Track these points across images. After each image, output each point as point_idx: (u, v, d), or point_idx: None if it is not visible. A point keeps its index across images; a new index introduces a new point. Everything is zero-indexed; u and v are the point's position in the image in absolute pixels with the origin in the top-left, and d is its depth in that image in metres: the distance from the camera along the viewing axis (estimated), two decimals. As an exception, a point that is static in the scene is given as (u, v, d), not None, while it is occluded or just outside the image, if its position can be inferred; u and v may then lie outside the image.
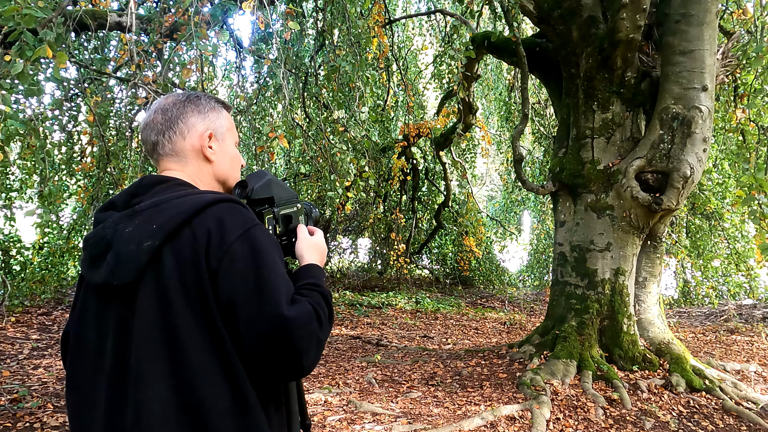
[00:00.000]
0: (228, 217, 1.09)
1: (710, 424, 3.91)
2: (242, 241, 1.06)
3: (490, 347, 5.72)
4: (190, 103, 1.25)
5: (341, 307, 8.70)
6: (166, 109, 1.24)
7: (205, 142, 1.24)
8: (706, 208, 8.92)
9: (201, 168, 1.25)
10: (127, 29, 4.78)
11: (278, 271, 1.09)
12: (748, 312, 8.69)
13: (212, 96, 1.30)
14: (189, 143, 1.23)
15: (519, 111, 9.86)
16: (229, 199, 1.14)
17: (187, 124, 1.23)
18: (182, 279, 1.04)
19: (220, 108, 1.30)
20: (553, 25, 4.99)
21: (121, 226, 1.09)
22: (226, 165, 1.29)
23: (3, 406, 3.72)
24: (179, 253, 1.05)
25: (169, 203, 1.09)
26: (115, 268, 1.06)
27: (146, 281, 1.05)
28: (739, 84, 6.54)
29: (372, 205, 10.65)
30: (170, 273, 1.04)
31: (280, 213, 1.36)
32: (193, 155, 1.24)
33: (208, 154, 1.25)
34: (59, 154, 6.05)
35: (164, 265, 1.05)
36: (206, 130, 1.25)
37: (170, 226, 1.05)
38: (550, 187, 5.17)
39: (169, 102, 1.25)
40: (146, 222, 1.07)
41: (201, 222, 1.06)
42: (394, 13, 10.58)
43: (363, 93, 5.56)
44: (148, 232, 1.06)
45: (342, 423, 3.61)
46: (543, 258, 11.88)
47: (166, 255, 1.05)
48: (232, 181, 1.32)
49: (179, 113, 1.23)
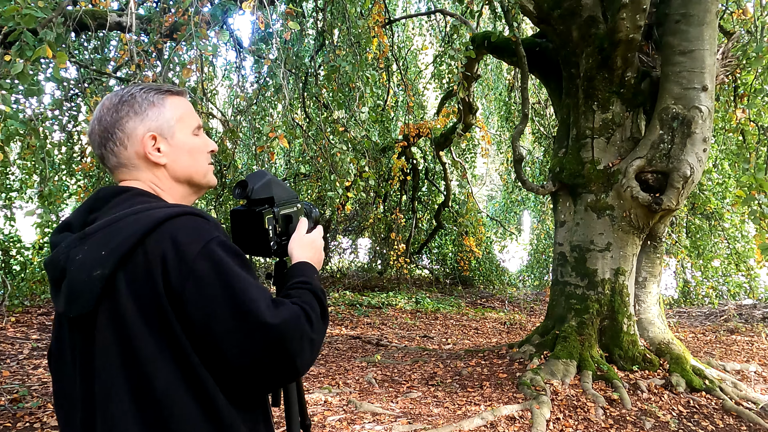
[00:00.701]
0: (181, 234, 0.99)
1: (710, 424, 3.91)
2: (202, 259, 0.98)
3: (490, 347, 5.72)
4: (124, 105, 1.10)
5: (341, 307, 8.70)
6: (101, 118, 1.10)
7: (148, 147, 1.10)
8: (706, 208, 8.92)
9: (155, 174, 1.13)
10: (127, 29, 4.78)
11: (248, 281, 1.01)
12: (748, 312, 8.69)
13: (152, 87, 1.14)
14: (133, 151, 1.10)
15: (519, 111, 9.86)
16: (182, 212, 1.03)
17: (125, 131, 1.09)
18: (140, 307, 0.96)
19: (161, 99, 1.13)
20: (553, 25, 4.99)
21: (73, 251, 1.00)
22: (184, 162, 1.15)
23: (3, 406, 3.72)
24: (133, 280, 0.97)
25: (118, 224, 1.00)
26: (69, 299, 0.99)
27: (102, 312, 0.98)
28: (739, 84, 6.54)
29: (372, 205, 10.65)
30: (126, 302, 0.96)
31: (280, 213, 1.35)
32: (142, 163, 1.11)
33: (155, 158, 1.11)
34: (59, 154, 6.05)
35: (119, 294, 0.97)
36: (147, 132, 1.10)
37: (120, 251, 0.97)
38: (550, 187, 5.17)
39: (104, 108, 1.11)
40: (96, 247, 0.98)
41: (153, 243, 0.98)
42: (394, 13, 10.59)
43: (363, 93, 5.56)
44: (98, 260, 0.97)
45: (342, 423, 3.61)
46: (543, 258, 11.88)
47: (120, 282, 0.97)
48: (199, 176, 1.18)
49: (114, 120, 1.10)
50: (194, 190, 1.20)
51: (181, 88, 1.19)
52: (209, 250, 1.00)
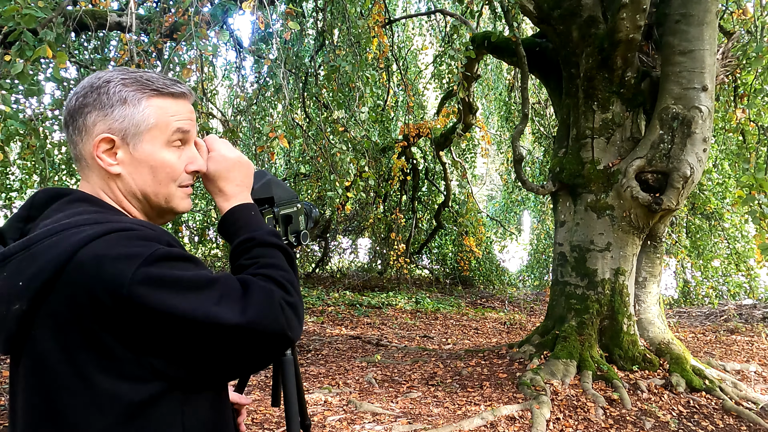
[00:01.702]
0: (108, 259, 0.80)
1: (710, 424, 3.91)
2: (139, 284, 0.79)
3: (490, 347, 5.72)
4: (93, 91, 0.91)
5: (341, 307, 8.70)
6: (70, 98, 0.93)
7: (99, 150, 0.91)
8: (706, 208, 8.92)
9: (107, 182, 0.94)
10: (127, 29, 4.78)
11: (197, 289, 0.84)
12: (748, 312, 8.69)
13: (140, 79, 0.94)
14: (87, 149, 0.92)
15: (519, 111, 9.86)
16: (112, 230, 0.83)
17: (86, 123, 0.91)
18: (64, 349, 0.80)
19: (138, 98, 0.92)
20: (553, 25, 4.99)
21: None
22: (142, 178, 0.94)
23: (3, 406, 3.72)
24: (56, 315, 0.80)
25: (39, 246, 0.82)
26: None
27: (26, 350, 0.83)
28: (739, 84, 6.54)
29: (372, 205, 10.65)
30: (47, 345, 0.81)
31: (280, 213, 1.35)
32: (92, 165, 0.93)
33: (105, 165, 0.92)
34: (59, 154, 6.05)
35: (39, 334, 0.81)
36: (103, 133, 0.91)
37: (38, 282, 0.80)
38: (550, 187, 5.17)
39: (79, 86, 0.93)
40: (15, 275, 0.81)
41: (77, 271, 0.79)
42: (394, 13, 10.59)
43: (363, 93, 5.56)
44: (16, 291, 0.81)
45: (342, 423, 3.61)
46: (543, 258, 11.89)
47: (42, 318, 0.81)
48: (158, 198, 0.96)
49: (80, 105, 0.92)
50: (156, 213, 0.99)
51: (182, 89, 0.98)
52: (143, 273, 0.80)
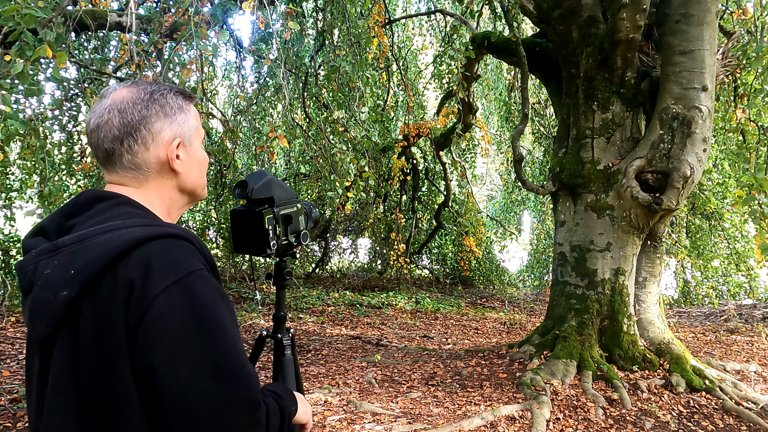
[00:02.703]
0: (158, 262, 0.87)
1: (710, 424, 3.91)
2: (171, 294, 0.85)
3: (490, 347, 5.72)
4: (154, 103, 1.01)
5: (341, 307, 8.70)
6: (124, 110, 0.99)
7: (173, 154, 1.03)
8: (706, 208, 8.92)
9: (164, 183, 1.04)
10: (127, 29, 4.78)
11: (234, 333, 0.90)
12: (748, 312, 8.69)
13: (178, 89, 1.08)
14: (154, 154, 1.01)
15: (519, 111, 9.86)
16: (166, 234, 0.91)
17: (151, 131, 1.00)
18: (99, 339, 0.86)
19: (188, 106, 1.07)
20: (553, 25, 4.99)
21: (42, 264, 0.90)
22: (194, 174, 1.09)
23: (3, 406, 3.72)
24: (98, 308, 0.86)
25: (92, 240, 0.89)
26: (32, 318, 0.90)
27: (63, 337, 0.88)
28: (739, 84, 6.54)
29: (372, 205, 10.65)
30: (87, 333, 0.86)
31: (280, 213, 1.36)
32: (156, 168, 1.03)
33: (176, 166, 1.04)
34: (59, 154, 6.05)
35: (82, 321, 0.87)
36: (174, 137, 1.03)
37: (88, 273, 0.86)
38: (550, 187, 5.17)
39: (127, 100, 1.00)
40: (65, 264, 0.88)
41: (125, 269, 0.86)
42: (394, 13, 10.59)
43: (363, 93, 5.56)
44: (65, 280, 0.87)
45: (342, 423, 3.61)
46: (543, 258, 11.88)
47: (85, 309, 0.87)
48: (200, 188, 1.12)
49: (142, 116, 1.00)
50: (190, 202, 1.13)
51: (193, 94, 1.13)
52: (185, 283, 0.87)
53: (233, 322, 0.92)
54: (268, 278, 1.47)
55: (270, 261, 10.27)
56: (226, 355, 0.87)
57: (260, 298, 8.41)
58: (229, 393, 0.86)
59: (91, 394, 0.87)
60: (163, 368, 0.84)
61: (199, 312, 0.87)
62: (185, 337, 0.85)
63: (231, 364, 0.88)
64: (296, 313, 7.91)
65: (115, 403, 0.86)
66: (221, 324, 0.89)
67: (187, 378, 0.84)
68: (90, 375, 0.86)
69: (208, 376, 0.85)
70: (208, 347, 0.86)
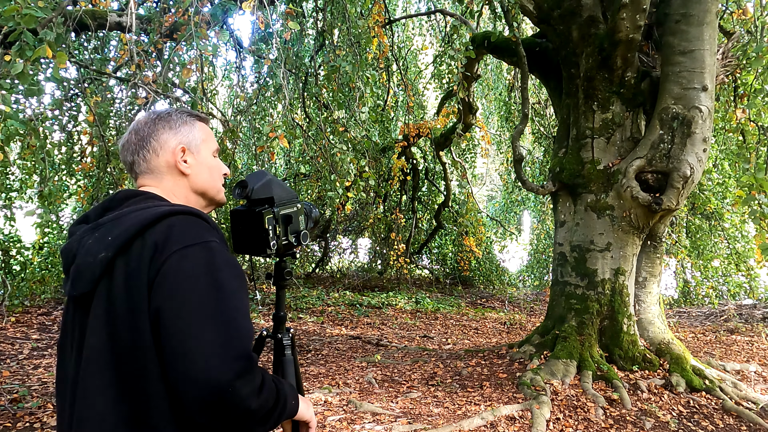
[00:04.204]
0: (177, 228, 1.08)
1: (710, 424, 3.91)
2: (185, 254, 1.04)
3: (490, 347, 5.72)
4: (161, 120, 1.27)
5: (341, 307, 8.70)
6: (139, 129, 1.26)
7: (179, 157, 1.25)
8: (706, 208, 8.91)
9: (177, 182, 1.26)
10: (127, 29, 4.78)
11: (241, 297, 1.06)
12: (748, 312, 8.69)
13: (184, 110, 1.32)
14: (163, 160, 1.25)
15: (519, 111, 9.86)
16: (186, 211, 1.13)
17: (159, 141, 1.25)
18: (128, 290, 1.04)
19: (193, 121, 1.30)
20: (553, 25, 4.99)
21: (85, 239, 1.12)
22: (203, 176, 1.29)
23: (3, 406, 3.72)
24: (128, 265, 1.05)
25: (127, 216, 1.11)
26: (74, 279, 1.09)
27: (99, 292, 1.07)
28: (739, 84, 6.54)
29: (372, 205, 10.65)
30: (119, 284, 1.05)
31: (280, 213, 1.36)
32: (167, 171, 1.25)
33: (183, 168, 1.25)
34: (59, 154, 6.04)
35: (115, 277, 1.06)
36: (179, 144, 1.25)
37: (123, 237, 1.06)
38: (550, 187, 5.17)
39: (141, 122, 1.27)
40: (104, 234, 1.09)
41: (152, 233, 1.06)
42: (394, 13, 10.58)
43: (363, 93, 5.56)
44: (104, 244, 1.08)
45: (342, 423, 3.61)
46: (543, 258, 11.88)
47: (118, 267, 1.06)
48: (213, 191, 1.31)
49: (150, 131, 1.25)
50: (207, 203, 1.31)
51: (206, 115, 1.37)
52: (200, 247, 1.06)
53: (241, 288, 1.07)
54: (268, 278, 1.47)
55: (270, 261, 10.27)
56: (226, 309, 1.01)
57: (260, 298, 8.41)
58: (224, 341, 0.98)
59: (121, 335, 1.03)
60: (168, 310, 0.99)
61: (208, 271, 1.03)
62: (192, 287, 1.01)
63: (229, 316, 1.01)
64: (296, 313, 7.91)
65: (139, 343, 1.02)
66: (227, 284, 1.04)
67: (188, 321, 0.98)
68: (120, 320, 1.03)
69: (206, 324, 0.98)
70: (211, 299, 1.01)
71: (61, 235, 6.97)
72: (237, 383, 0.97)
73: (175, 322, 0.99)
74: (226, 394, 0.96)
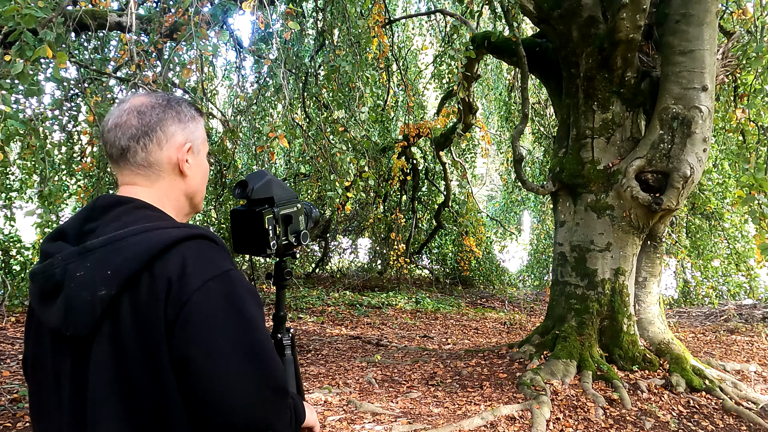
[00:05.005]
0: (193, 259, 0.95)
1: (710, 424, 3.91)
2: (207, 290, 0.93)
3: (490, 347, 5.72)
4: (171, 108, 1.10)
5: (341, 307, 8.70)
6: (143, 112, 1.08)
7: (184, 156, 1.10)
8: (706, 208, 8.91)
9: (173, 184, 1.11)
10: (127, 29, 4.78)
11: (264, 328, 0.97)
12: (748, 312, 8.69)
13: (191, 102, 1.19)
14: (166, 155, 1.09)
15: (519, 111, 9.85)
16: (196, 234, 0.99)
17: (166, 133, 1.08)
18: (140, 332, 0.92)
19: (198, 117, 1.17)
20: (553, 25, 4.99)
21: (71, 266, 0.95)
22: (198, 180, 1.16)
23: (3, 406, 3.72)
24: (137, 303, 0.92)
25: (125, 242, 0.94)
26: (67, 318, 0.93)
27: (102, 333, 0.93)
28: (739, 84, 6.54)
29: (372, 205, 10.65)
30: (127, 325, 0.92)
31: (280, 213, 1.35)
32: (168, 168, 1.10)
33: (185, 168, 1.11)
34: (59, 154, 6.05)
35: (122, 316, 0.92)
36: (186, 141, 1.11)
37: (127, 272, 0.92)
38: (550, 187, 5.17)
39: (146, 104, 1.09)
40: (100, 265, 0.93)
41: (162, 266, 0.93)
42: (394, 13, 10.58)
43: (363, 93, 5.56)
44: (102, 279, 0.92)
45: (342, 423, 3.61)
46: (543, 258, 11.88)
47: (124, 304, 0.92)
48: (200, 197, 1.19)
49: (158, 119, 1.08)
50: (191, 210, 1.19)
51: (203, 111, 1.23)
52: (225, 280, 0.96)
53: (262, 318, 0.99)
54: (268, 278, 1.47)
55: (270, 261, 10.27)
56: (258, 343, 0.95)
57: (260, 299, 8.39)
58: (260, 378, 0.93)
59: (135, 383, 0.92)
60: (199, 357, 0.90)
61: (233, 306, 0.94)
62: (220, 328, 0.92)
63: (262, 352, 0.95)
64: (296, 313, 7.91)
65: (159, 390, 0.91)
66: (253, 317, 0.96)
67: (222, 365, 0.91)
68: (132, 365, 0.92)
69: (241, 363, 0.92)
70: (240, 337, 0.93)
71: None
72: (277, 423, 0.95)
73: (205, 366, 0.90)
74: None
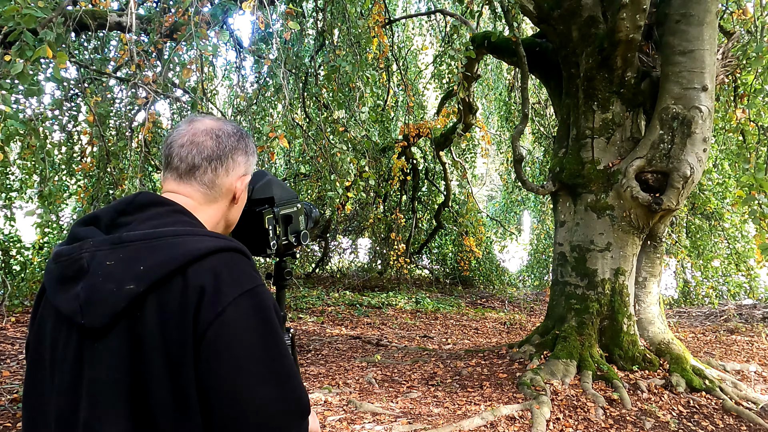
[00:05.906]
0: (227, 272, 0.95)
1: (710, 424, 3.91)
2: (239, 304, 0.92)
3: (490, 347, 5.72)
4: (243, 140, 1.16)
5: (341, 307, 8.70)
6: (221, 137, 1.11)
7: (242, 186, 1.15)
8: (706, 208, 8.92)
9: (222, 207, 1.14)
10: (127, 29, 4.78)
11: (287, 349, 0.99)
12: (748, 312, 8.69)
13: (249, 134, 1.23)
14: (229, 181, 1.12)
15: (519, 111, 9.85)
16: (232, 248, 0.99)
17: (235, 162, 1.13)
18: (165, 336, 0.89)
19: (255, 152, 1.22)
20: (553, 25, 4.99)
21: (101, 254, 0.93)
22: (238, 211, 1.20)
23: (3, 406, 3.72)
24: (165, 305, 0.90)
25: (162, 241, 0.94)
26: (85, 306, 0.91)
27: (120, 328, 0.91)
28: (739, 84, 6.54)
29: (372, 205, 10.65)
30: (152, 326, 0.90)
31: (280, 213, 1.35)
32: (225, 194, 1.13)
33: (239, 195, 1.16)
34: (59, 154, 6.04)
35: (146, 316, 0.90)
36: (245, 173, 1.16)
37: (160, 272, 0.91)
38: (550, 187, 5.17)
39: (223, 130, 1.13)
40: (133, 259, 0.92)
41: (196, 273, 0.92)
42: (394, 13, 10.58)
43: (363, 93, 5.56)
44: (132, 273, 0.90)
45: (342, 423, 3.61)
46: (543, 258, 11.88)
47: (150, 304, 0.90)
48: (234, 224, 1.22)
49: (232, 147, 1.13)
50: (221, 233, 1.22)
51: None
52: (256, 295, 0.96)
53: (281, 331, 1.00)
54: (268, 278, 1.47)
55: (270, 261, 10.26)
56: (285, 362, 0.96)
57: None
58: (286, 397, 0.94)
59: (149, 387, 0.89)
60: (226, 373, 0.90)
61: (263, 323, 0.95)
62: (250, 344, 0.92)
63: (288, 372, 0.96)
64: (296, 313, 7.91)
65: (179, 397, 0.89)
66: (279, 335, 0.97)
67: (250, 382, 0.90)
68: (151, 369, 0.89)
69: (269, 382, 0.92)
70: (270, 355, 0.94)
71: (61, 235, 6.96)
72: None
73: (234, 381, 0.90)
74: None
